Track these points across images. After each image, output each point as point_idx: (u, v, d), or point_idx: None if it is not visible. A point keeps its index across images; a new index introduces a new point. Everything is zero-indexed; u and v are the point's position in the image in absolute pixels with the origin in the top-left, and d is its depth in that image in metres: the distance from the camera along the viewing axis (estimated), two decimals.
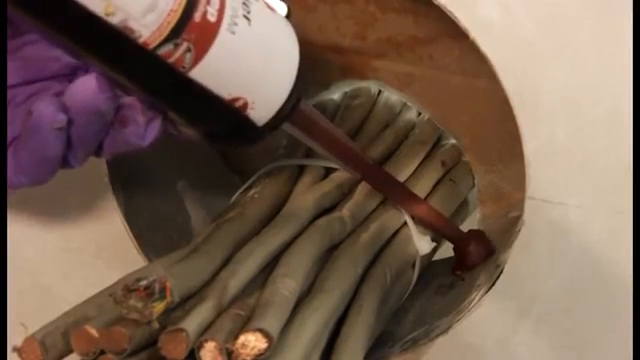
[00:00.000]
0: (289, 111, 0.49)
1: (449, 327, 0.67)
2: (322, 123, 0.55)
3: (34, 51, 0.46)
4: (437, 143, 0.80)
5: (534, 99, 0.59)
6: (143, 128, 0.47)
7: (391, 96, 0.81)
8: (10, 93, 0.47)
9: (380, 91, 0.82)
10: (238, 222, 0.62)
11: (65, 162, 0.47)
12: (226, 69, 0.44)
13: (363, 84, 0.82)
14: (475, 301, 0.66)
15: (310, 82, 0.81)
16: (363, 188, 0.70)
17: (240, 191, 0.70)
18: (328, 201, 0.68)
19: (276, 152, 0.76)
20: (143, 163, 0.53)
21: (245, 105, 0.46)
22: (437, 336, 0.68)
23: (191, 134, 0.48)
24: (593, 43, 0.57)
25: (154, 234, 0.75)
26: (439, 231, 0.72)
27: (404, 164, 0.75)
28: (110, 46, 0.40)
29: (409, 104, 0.81)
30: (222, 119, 0.46)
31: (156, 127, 0.47)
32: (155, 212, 0.77)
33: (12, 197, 0.49)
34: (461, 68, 0.76)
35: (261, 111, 0.47)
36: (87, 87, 0.44)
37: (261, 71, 0.46)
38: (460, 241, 0.72)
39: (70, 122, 0.45)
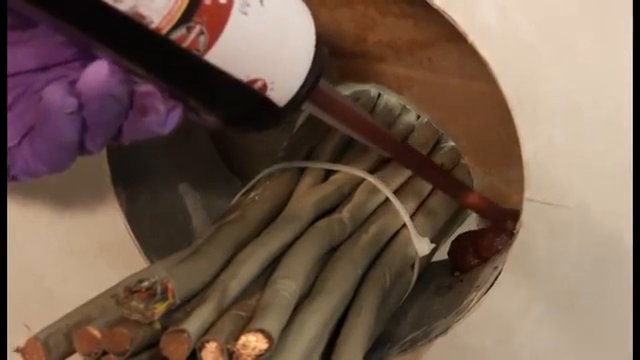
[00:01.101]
0: (309, 89, 0.48)
1: (448, 328, 0.67)
2: (344, 101, 0.54)
3: (47, 38, 0.46)
4: (436, 145, 0.80)
5: (533, 102, 0.59)
6: (164, 116, 0.46)
7: (391, 99, 0.81)
8: (27, 80, 0.46)
9: (380, 94, 0.82)
10: (239, 224, 0.62)
11: (83, 148, 0.47)
12: (242, 50, 0.43)
13: (363, 87, 0.82)
14: (474, 302, 0.66)
15: None
16: (363, 190, 0.69)
17: (241, 193, 0.70)
18: (328, 203, 0.68)
19: (277, 154, 0.76)
20: (145, 165, 0.53)
21: (264, 86, 0.45)
22: (436, 337, 0.68)
23: (212, 120, 0.47)
24: (591, 46, 0.57)
25: (156, 236, 0.75)
26: (485, 213, 0.71)
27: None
28: (122, 34, 0.40)
29: (408, 107, 0.81)
30: (242, 102, 0.46)
31: (177, 115, 0.47)
32: (157, 214, 0.77)
33: (14, 197, 0.49)
34: (460, 71, 0.76)
35: (281, 91, 0.46)
36: (99, 72, 0.43)
37: (278, 51, 0.45)
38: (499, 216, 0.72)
39: (83, 107, 0.45)
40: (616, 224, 0.60)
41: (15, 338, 0.51)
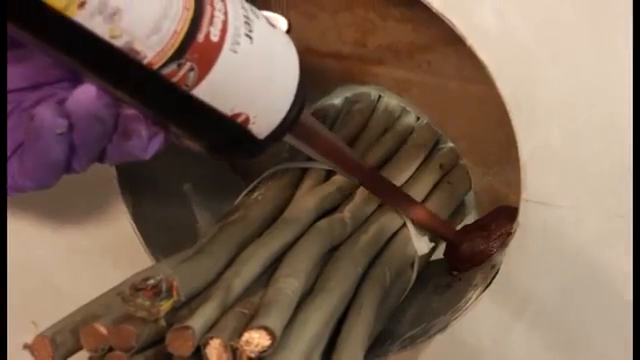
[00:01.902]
0: (290, 124, 0.48)
1: (446, 325, 0.67)
2: (322, 133, 0.55)
3: (37, 58, 0.46)
4: (435, 147, 0.80)
5: (530, 103, 0.59)
6: (146, 142, 0.46)
7: (390, 101, 0.81)
8: (17, 98, 0.46)
9: (380, 96, 0.82)
10: (242, 224, 0.62)
11: (69, 167, 0.47)
12: (228, 86, 0.44)
13: (363, 89, 0.82)
14: (472, 300, 0.66)
15: (312, 88, 0.81)
16: (363, 190, 0.69)
17: (244, 193, 0.70)
18: (329, 203, 0.68)
19: (279, 155, 0.76)
20: (151, 166, 0.53)
21: (247, 120, 0.45)
22: (435, 334, 0.68)
23: (193, 146, 0.48)
24: (587, 49, 0.57)
25: (161, 235, 0.75)
26: (435, 231, 0.72)
27: (403, 167, 0.75)
28: (115, 67, 0.40)
29: (408, 109, 0.81)
30: (224, 133, 0.46)
31: (159, 141, 0.47)
32: (162, 214, 0.77)
33: (23, 199, 0.49)
34: (458, 74, 0.76)
35: (262, 125, 0.47)
36: (87, 94, 0.44)
37: (263, 87, 0.46)
38: (454, 241, 0.73)
39: (72, 127, 0.45)
40: (612, 224, 0.60)
41: (23, 335, 0.51)
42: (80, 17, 0.37)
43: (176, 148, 0.49)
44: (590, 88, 0.58)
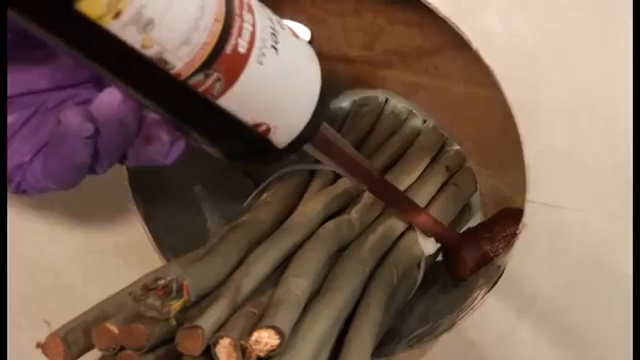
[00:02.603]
0: (309, 135, 0.48)
1: (452, 324, 0.67)
2: (339, 144, 0.54)
3: (64, 58, 0.46)
4: (441, 149, 0.80)
5: (535, 107, 0.59)
6: (167, 147, 0.46)
7: (398, 104, 0.81)
8: (41, 98, 0.46)
9: (387, 99, 0.82)
10: (251, 225, 0.62)
11: (91, 169, 0.47)
12: (252, 97, 0.43)
13: (371, 93, 0.82)
14: (477, 300, 0.66)
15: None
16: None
17: (253, 195, 0.70)
18: (337, 204, 0.68)
19: (288, 158, 0.76)
20: (162, 169, 0.53)
21: (268, 130, 0.45)
22: (441, 333, 0.68)
23: (212, 151, 0.48)
24: (591, 53, 0.57)
25: (172, 236, 0.75)
26: (439, 238, 0.72)
27: (410, 169, 0.75)
28: (144, 75, 0.40)
29: (415, 112, 0.81)
30: (244, 142, 0.46)
31: (180, 147, 0.47)
32: (173, 215, 0.77)
33: (37, 200, 0.49)
34: (464, 77, 0.76)
35: (282, 135, 0.46)
36: (113, 99, 0.44)
37: (285, 98, 0.45)
38: (455, 246, 0.72)
39: (97, 131, 0.45)
40: (614, 225, 0.60)
41: (36, 334, 0.51)
42: (114, 26, 0.37)
43: (187, 151, 0.49)
44: (593, 91, 0.57)
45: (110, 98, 0.44)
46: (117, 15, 0.36)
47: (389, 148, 0.77)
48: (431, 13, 0.59)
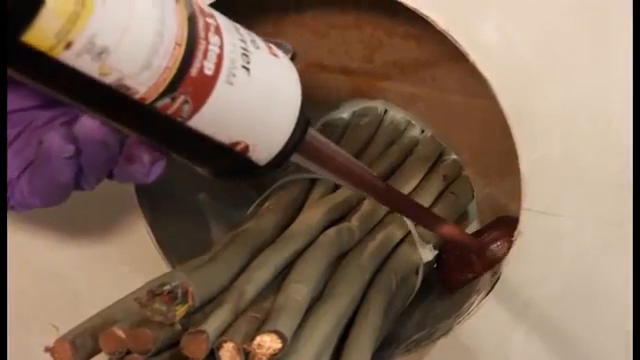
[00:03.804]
0: (291, 150, 0.46)
1: (450, 329, 0.67)
2: (329, 152, 0.52)
3: None
4: (439, 158, 0.80)
5: (530, 117, 0.59)
6: (148, 167, 0.46)
7: (396, 115, 0.81)
8: (29, 116, 0.46)
9: (386, 110, 0.82)
10: (254, 232, 0.62)
11: (78, 186, 0.47)
12: (225, 117, 0.42)
13: (370, 104, 0.82)
14: (474, 305, 0.66)
15: (321, 102, 0.82)
16: (370, 200, 0.69)
17: (256, 203, 0.70)
18: (337, 212, 0.68)
19: (288, 167, 0.76)
20: (167, 178, 0.53)
21: (246, 148, 0.44)
22: (439, 338, 0.68)
23: (199, 170, 0.47)
24: (585, 64, 0.57)
25: (176, 242, 0.75)
26: (453, 240, 0.70)
27: (408, 178, 0.75)
28: (107, 103, 0.39)
29: (413, 122, 0.81)
30: (224, 161, 0.45)
31: (160, 166, 0.47)
32: (178, 222, 0.77)
33: (47, 208, 0.49)
34: (462, 89, 0.76)
35: (262, 152, 0.45)
36: (94, 120, 0.44)
37: (261, 116, 0.44)
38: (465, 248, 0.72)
39: (79, 152, 0.45)
40: (609, 232, 0.59)
41: (44, 338, 0.51)
42: (66, 57, 0.35)
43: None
44: (587, 101, 0.57)
45: (91, 120, 0.44)
46: (68, 45, 0.35)
47: (388, 158, 0.77)
48: (429, 26, 0.59)
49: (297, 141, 0.46)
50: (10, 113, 0.46)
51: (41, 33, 0.34)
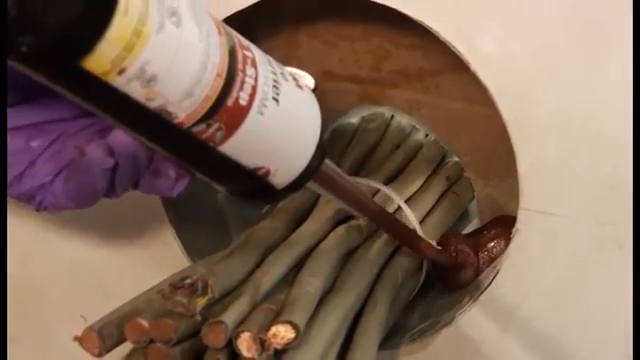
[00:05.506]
0: (308, 176, 0.47)
1: (452, 320, 0.67)
2: (339, 180, 0.52)
3: None
4: (442, 160, 0.80)
5: (528, 122, 0.59)
6: (173, 182, 0.47)
7: (402, 120, 0.81)
8: (63, 126, 0.47)
9: (393, 115, 0.82)
10: (269, 229, 0.62)
11: (107, 194, 0.48)
12: (253, 144, 0.42)
13: (378, 109, 0.82)
14: (474, 298, 0.66)
15: (332, 108, 0.82)
16: (378, 199, 0.69)
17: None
18: (346, 211, 0.68)
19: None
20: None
21: (267, 172, 0.44)
22: (441, 328, 0.68)
23: (217, 188, 0.47)
24: (580, 71, 0.57)
25: (198, 239, 0.75)
26: (437, 261, 0.70)
27: (414, 178, 0.75)
28: (147, 124, 0.39)
29: (418, 127, 0.81)
30: (245, 183, 0.45)
31: (185, 182, 0.47)
32: (199, 220, 0.77)
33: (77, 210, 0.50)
34: (463, 96, 0.76)
35: (282, 177, 0.45)
36: (126, 134, 0.44)
37: (285, 144, 0.44)
38: (451, 267, 0.72)
39: (116, 164, 0.46)
40: (600, 231, 0.59)
41: (74, 328, 0.51)
42: (118, 82, 0.36)
43: None
44: (582, 107, 0.57)
45: (125, 134, 0.44)
46: (121, 72, 0.35)
47: (394, 160, 0.77)
48: (433, 38, 0.59)
49: (315, 168, 0.46)
50: (47, 123, 0.47)
51: (99, 59, 0.34)
